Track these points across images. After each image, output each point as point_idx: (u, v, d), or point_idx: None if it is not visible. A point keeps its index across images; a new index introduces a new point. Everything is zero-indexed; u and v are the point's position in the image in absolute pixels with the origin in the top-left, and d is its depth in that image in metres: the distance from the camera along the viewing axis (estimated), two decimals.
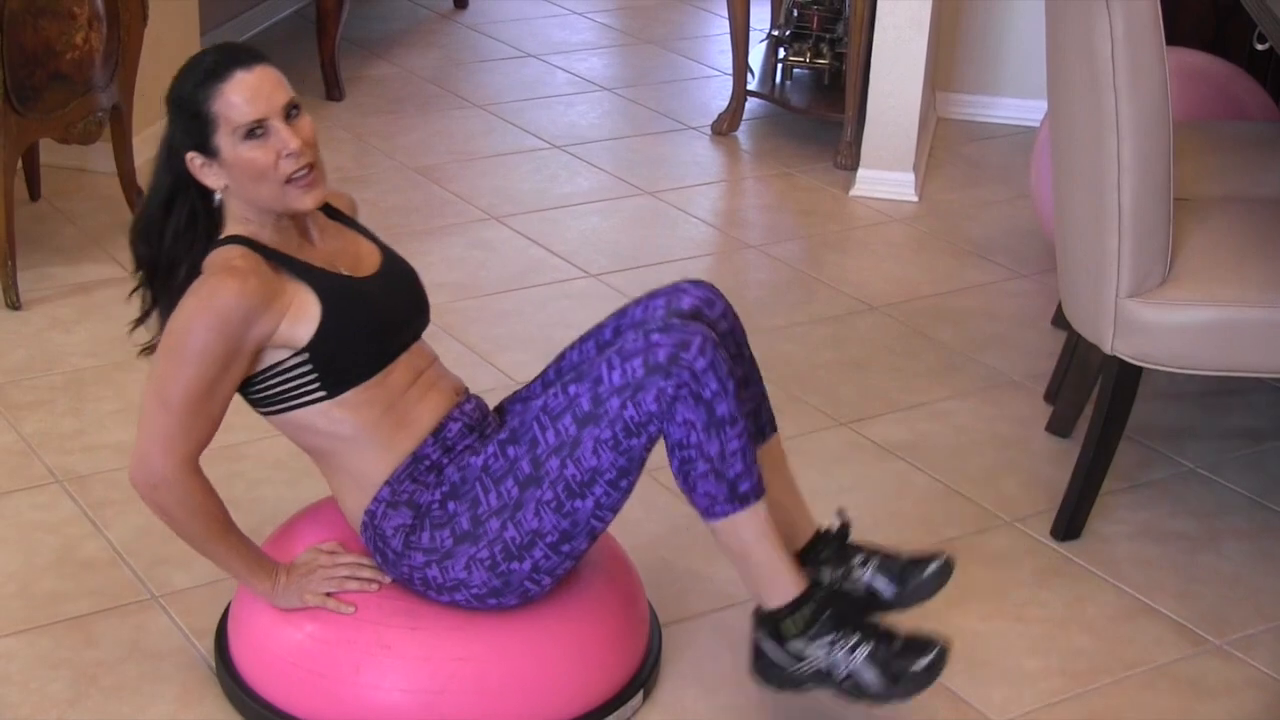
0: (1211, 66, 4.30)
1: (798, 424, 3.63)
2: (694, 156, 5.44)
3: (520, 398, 2.77)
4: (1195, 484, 3.53)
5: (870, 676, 2.52)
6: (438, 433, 2.60)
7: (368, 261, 2.65)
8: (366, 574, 2.61)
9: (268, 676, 2.65)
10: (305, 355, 2.47)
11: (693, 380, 2.42)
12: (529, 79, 6.15)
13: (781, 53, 5.77)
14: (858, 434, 3.67)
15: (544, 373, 2.78)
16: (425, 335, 2.72)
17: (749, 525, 2.52)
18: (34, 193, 4.72)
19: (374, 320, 2.56)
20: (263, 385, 2.51)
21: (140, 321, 2.62)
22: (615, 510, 2.54)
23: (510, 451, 2.52)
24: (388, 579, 2.61)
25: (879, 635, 2.54)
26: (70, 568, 3.07)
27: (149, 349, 2.59)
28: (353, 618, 2.57)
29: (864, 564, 2.71)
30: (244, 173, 2.45)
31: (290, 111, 2.47)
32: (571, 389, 2.48)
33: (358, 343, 2.52)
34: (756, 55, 5.88)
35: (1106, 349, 3.17)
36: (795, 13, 5.70)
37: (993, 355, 4.08)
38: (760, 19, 6.17)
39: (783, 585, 2.55)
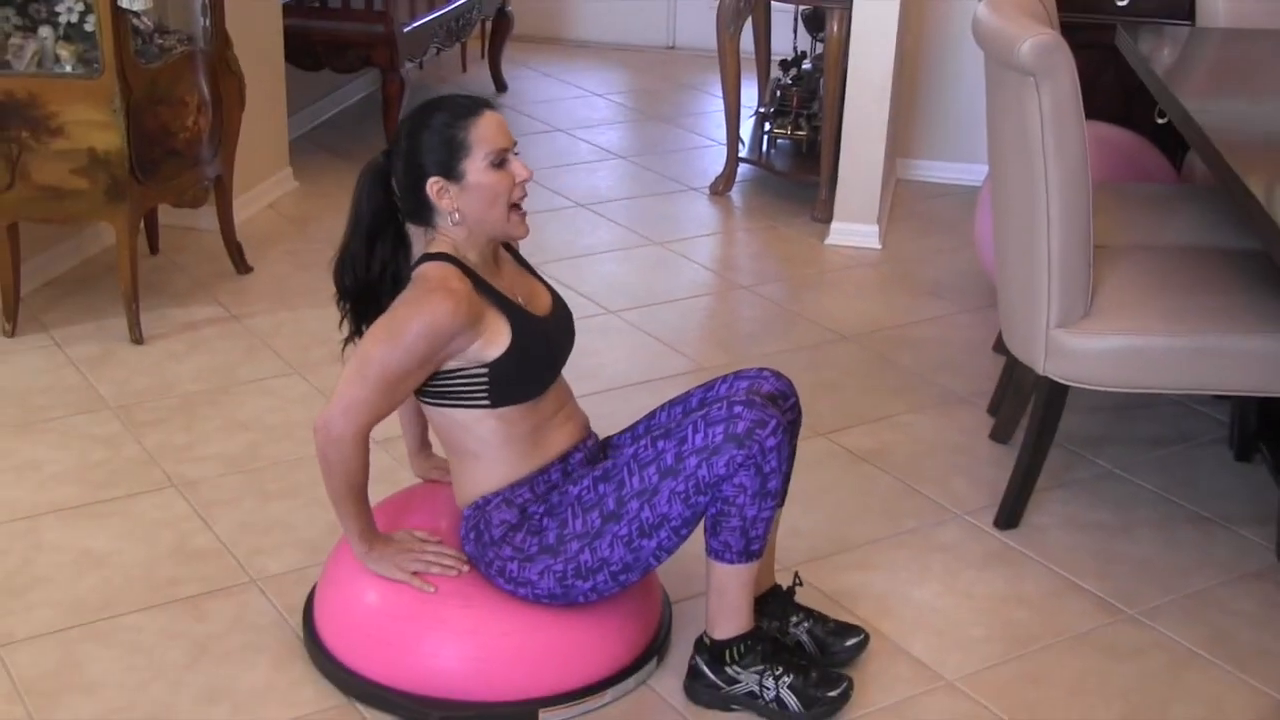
0: (1122, 137, 4.34)
1: None
2: (695, 213, 5.47)
3: (614, 444, 2.77)
4: (1112, 482, 3.55)
5: (790, 700, 2.61)
6: (564, 459, 2.62)
7: (541, 300, 2.66)
8: (448, 561, 2.62)
9: (345, 645, 2.68)
10: (486, 371, 2.48)
11: (760, 455, 2.45)
12: (558, 149, 6.19)
13: (767, 126, 5.83)
14: (833, 443, 3.68)
15: (634, 426, 2.79)
16: None
17: (743, 577, 2.58)
18: (154, 247, 4.75)
19: (548, 355, 2.59)
20: (442, 383, 2.51)
21: (349, 341, 2.63)
22: (670, 553, 2.58)
23: (601, 488, 2.53)
24: (465, 568, 2.62)
25: (800, 669, 2.63)
26: (184, 557, 3.10)
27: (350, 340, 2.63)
28: (414, 597, 2.59)
29: (799, 622, 2.79)
30: (484, 195, 2.46)
31: (517, 150, 2.52)
32: (660, 444, 2.50)
33: (531, 371, 2.54)
34: (747, 128, 5.93)
35: (1039, 371, 3.19)
36: (778, 93, 5.77)
37: (944, 376, 4.10)
38: (750, 98, 6.22)
39: (738, 622, 2.62)
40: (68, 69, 3.91)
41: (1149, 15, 4.83)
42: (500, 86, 7.06)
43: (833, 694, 2.60)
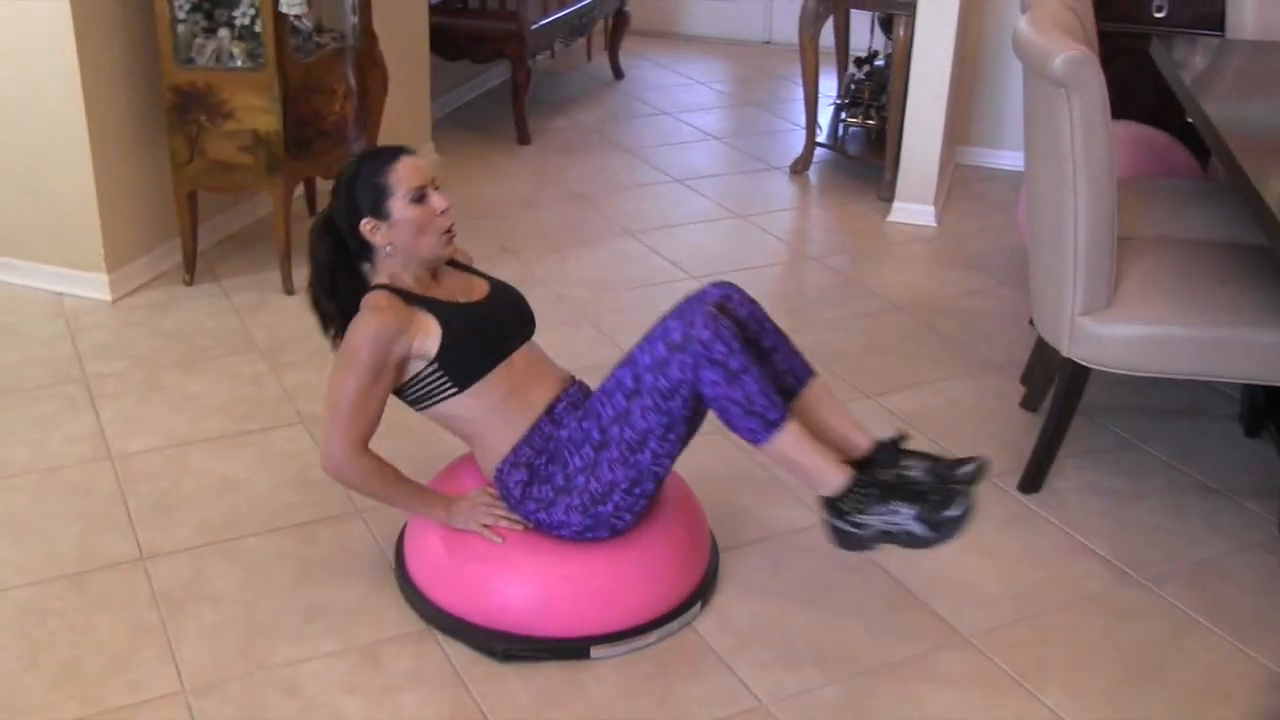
0: (1153, 136, 3.97)
1: (838, 396, 3.38)
2: (775, 189, 5.18)
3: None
4: (1128, 451, 3.23)
5: (918, 529, 2.31)
6: (549, 411, 2.44)
7: (478, 292, 2.53)
8: (516, 516, 2.45)
9: (426, 579, 2.51)
10: (436, 364, 2.36)
11: (704, 349, 2.24)
12: (662, 130, 5.91)
13: (843, 115, 5.52)
14: (879, 404, 3.42)
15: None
16: (559, 331, 2.55)
17: (787, 441, 2.30)
18: (312, 209, 4.59)
19: (481, 330, 2.42)
20: (412, 390, 2.41)
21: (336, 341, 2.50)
22: (671, 457, 2.37)
23: (585, 425, 2.37)
24: (531, 525, 2.44)
25: (918, 497, 2.32)
26: (303, 486, 2.94)
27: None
28: (486, 543, 2.42)
29: (913, 466, 2.46)
30: (409, 227, 2.38)
31: (435, 185, 2.42)
32: (619, 372, 2.34)
33: (471, 348, 2.39)
34: (825, 116, 5.63)
35: (1064, 353, 2.90)
36: (852, 86, 5.46)
37: (983, 345, 3.80)
38: (828, 89, 5.91)
39: (830, 477, 2.34)
40: (238, 63, 3.76)
41: (1182, 25, 4.46)
42: (618, 75, 6.79)
43: (955, 512, 2.30)
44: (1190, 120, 4.35)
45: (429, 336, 2.35)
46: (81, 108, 3.63)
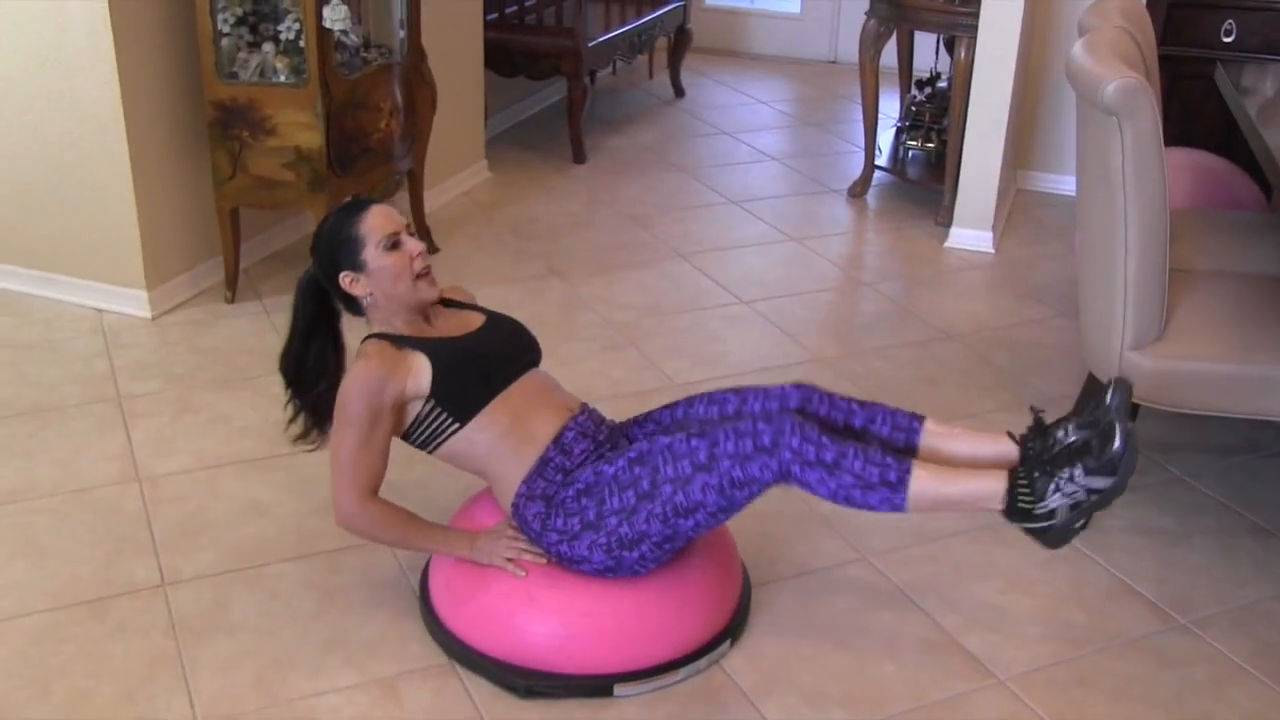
0: (1217, 165, 3.89)
1: None
2: (832, 213, 5.14)
3: (653, 419, 2.58)
4: (1179, 488, 3.17)
5: (1100, 482, 2.23)
6: (557, 440, 2.42)
7: (472, 325, 2.54)
8: (539, 550, 2.44)
9: (449, 611, 2.50)
10: (432, 401, 2.37)
11: (795, 455, 2.25)
12: (720, 150, 5.90)
13: (903, 137, 5.48)
14: None
15: (673, 407, 2.58)
16: (600, 356, 2.54)
17: (922, 489, 2.25)
18: None
19: (473, 361, 2.43)
20: (418, 433, 2.42)
21: (291, 421, 2.58)
22: (710, 529, 2.38)
23: (636, 470, 2.34)
24: (554, 558, 2.42)
25: (1078, 453, 2.25)
26: (330, 512, 2.80)
27: (300, 438, 2.58)
28: (510, 578, 2.41)
29: (1066, 433, 2.35)
30: (386, 274, 2.42)
31: (409, 231, 2.47)
32: (694, 442, 2.31)
33: (465, 379, 2.40)
34: (886, 138, 5.59)
35: None
36: (913, 109, 5.42)
37: (1035, 377, 3.74)
38: (890, 110, 5.86)
39: (989, 490, 2.27)
40: (282, 79, 3.80)
41: (1252, 50, 4.37)
42: (679, 93, 6.80)
43: (1118, 445, 2.21)
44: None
45: (420, 374, 2.37)
46: (122, 122, 3.69)
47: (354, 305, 2.49)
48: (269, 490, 3.03)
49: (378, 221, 2.44)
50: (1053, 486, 2.24)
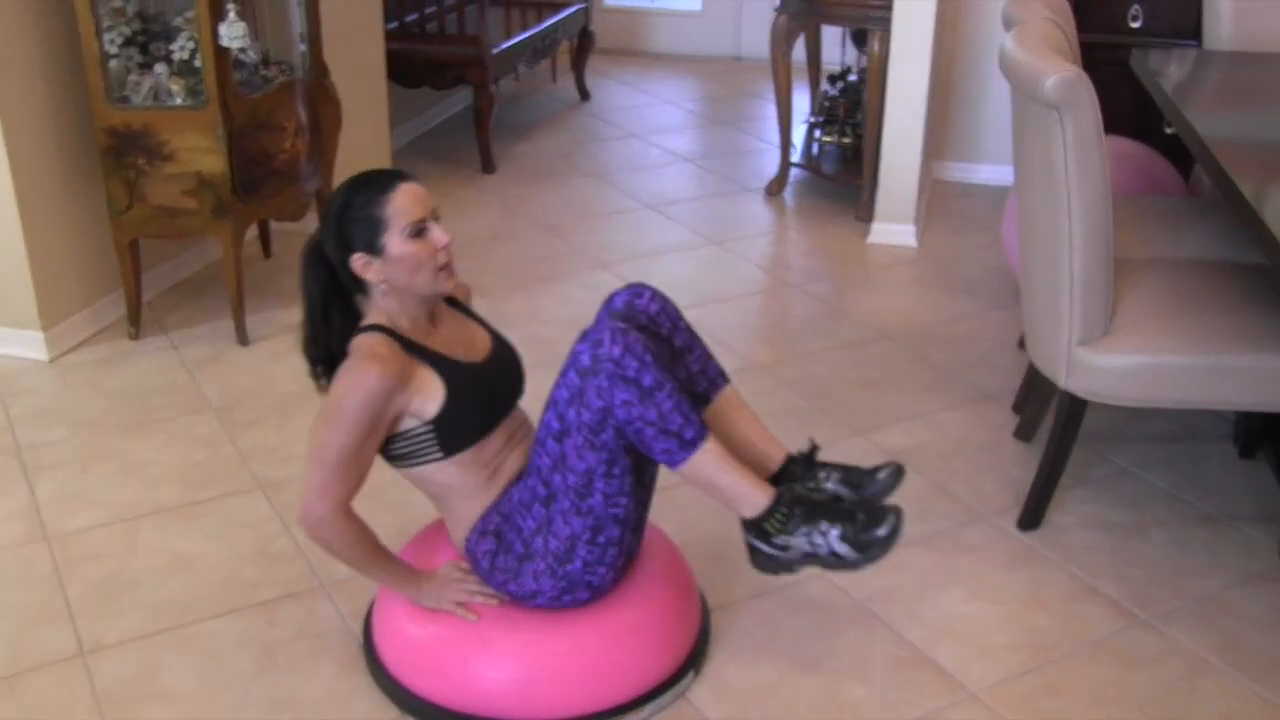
0: (1135, 150, 3.90)
1: (824, 433, 3.30)
2: (750, 213, 5.10)
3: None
4: (1127, 480, 3.16)
5: (844, 550, 2.22)
6: (520, 480, 2.31)
7: (480, 346, 2.35)
8: (490, 590, 2.33)
9: (397, 661, 2.38)
10: (431, 426, 2.20)
11: (615, 366, 2.11)
12: (631, 153, 5.84)
13: (816, 133, 5.46)
14: (870, 441, 3.33)
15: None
16: (532, 375, 2.45)
17: (705, 461, 2.19)
18: (267, 252, 4.50)
19: (486, 400, 2.28)
20: (397, 446, 2.24)
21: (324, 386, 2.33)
22: (625, 493, 2.22)
23: (529, 482, 2.25)
24: (506, 597, 2.32)
25: (845, 517, 2.23)
26: (263, 560, 2.82)
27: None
28: (460, 621, 2.30)
29: (828, 477, 2.39)
30: (408, 264, 2.18)
31: (436, 215, 2.23)
32: (545, 416, 2.20)
33: (472, 418, 2.24)
34: (798, 134, 5.56)
35: (1061, 385, 2.82)
36: (827, 104, 5.40)
37: (974, 373, 3.72)
38: (801, 106, 5.84)
39: (752, 498, 2.24)
40: (178, 101, 3.65)
41: (1158, 35, 4.42)
42: (584, 96, 6.72)
43: (882, 532, 2.22)
44: (1171, 132, 4.32)
45: (430, 398, 2.18)
46: (3, 154, 3.50)
47: (359, 286, 2.25)
48: (194, 541, 2.89)
49: (406, 203, 2.16)
50: (804, 530, 2.23)
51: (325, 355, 2.28)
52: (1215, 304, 2.80)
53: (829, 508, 2.26)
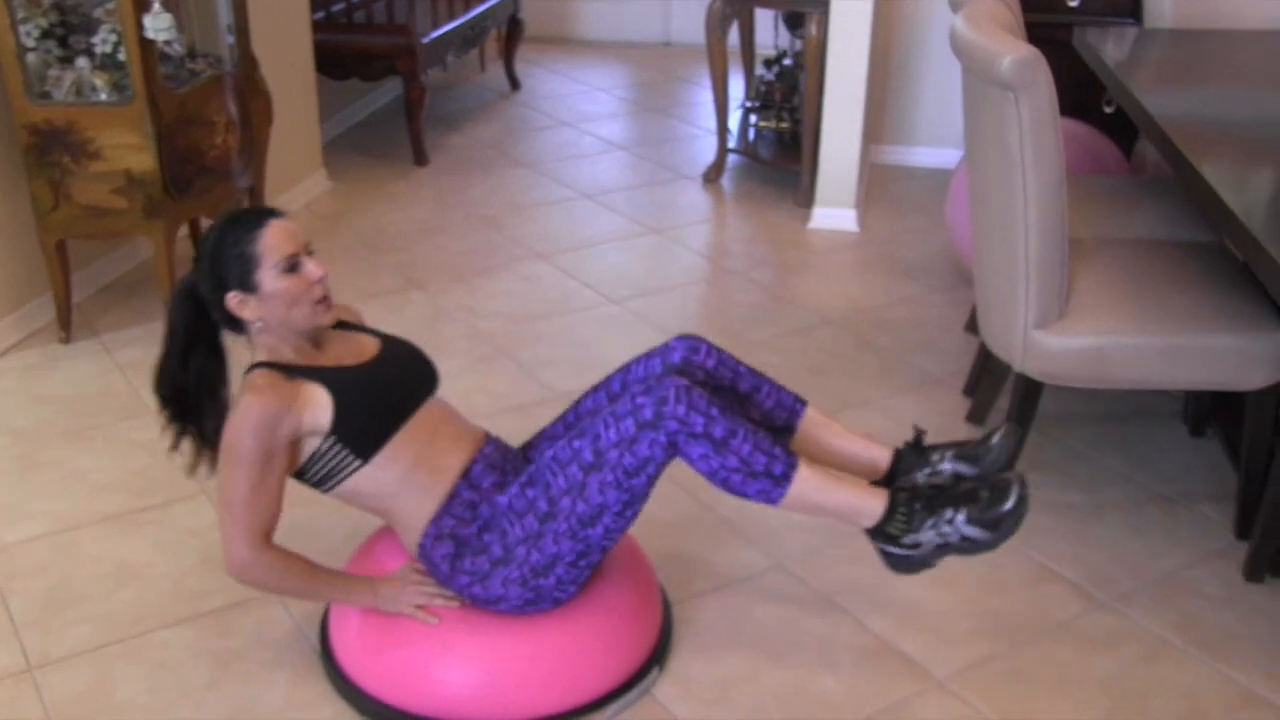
0: (1077, 130, 3.92)
1: None
2: (689, 200, 5.07)
3: (546, 435, 2.45)
4: (1080, 461, 3.17)
5: (975, 532, 2.18)
6: (466, 475, 2.28)
7: (368, 352, 2.34)
8: (449, 593, 2.29)
9: (356, 666, 2.33)
10: (333, 437, 2.18)
11: (681, 425, 2.11)
12: (564, 142, 5.79)
13: (753, 119, 5.44)
14: None
15: (564, 415, 2.45)
16: (476, 370, 2.40)
17: (803, 490, 2.17)
18: (198, 251, 4.39)
19: (375, 392, 2.25)
20: (313, 470, 2.22)
21: (174, 447, 2.33)
22: (623, 531, 2.24)
23: (529, 493, 2.20)
24: (467, 600, 2.28)
25: (967, 499, 2.19)
26: (211, 566, 2.74)
27: (190, 468, 2.36)
28: (421, 625, 2.25)
29: (942, 459, 2.35)
30: (283, 299, 2.18)
31: (309, 250, 2.24)
32: (576, 444, 2.17)
33: (368, 412, 2.21)
34: (735, 120, 5.54)
35: (1017, 368, 2.82)
36: (763, 88, 5.38)
37: (921, 357, 3.72)
38: (737, 92, 5.82)
39: (866, 508, 2.21)
40: (103, 96, 3.54)
41: (1096, 14, 4.45)
42: (514, 85, 6.66)
43: (1009, 505, 2.16)
44: (1110, 110, 4.35)
45: (318, 409, 2.16)
46: None
47: (237, 325, 2.25)
48: (139, 549, 2.81)
49: (277, 239, 2.18)
50: (930, 523, 2.20)
51: (175, 396, 2.28)
52: (1168, 284, 2.82)
53: (950, 493, 2.22)
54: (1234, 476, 3.03)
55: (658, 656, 2.43)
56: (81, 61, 3.56)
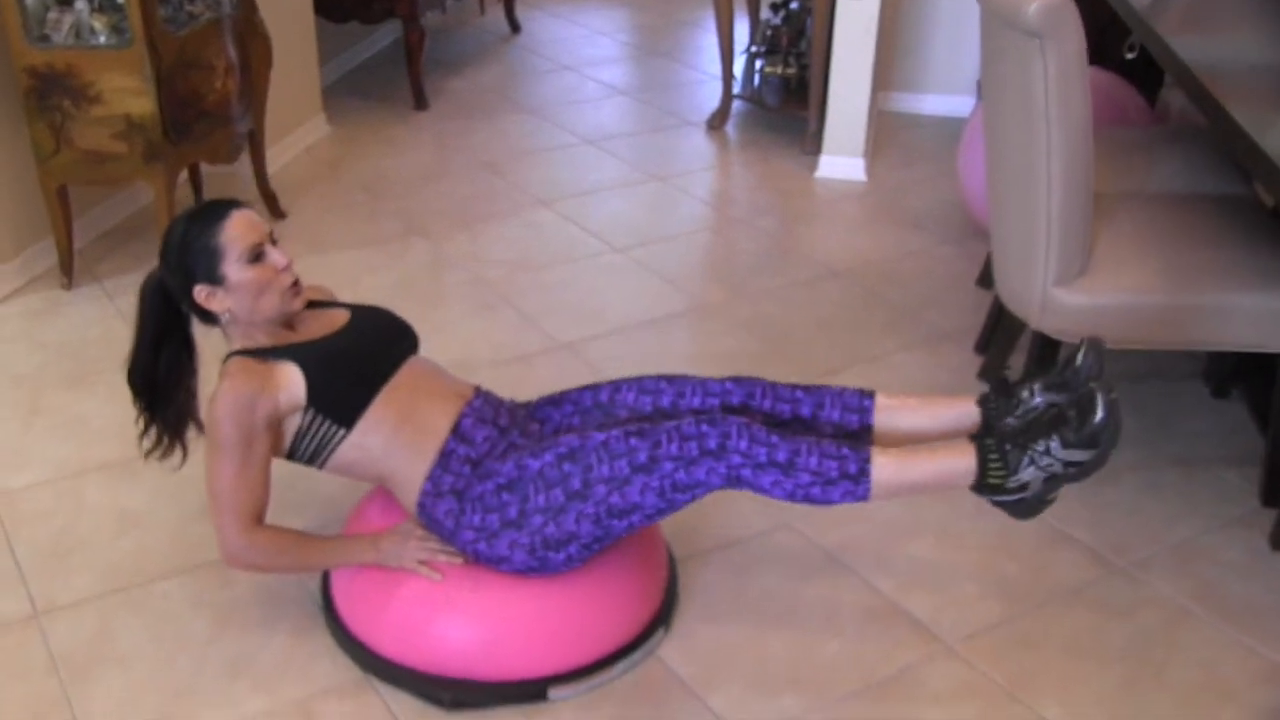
0: (1099, 77, 3.83)
1: (780, 376, 3.21)
2: (693, 147, 5.00)
3: (570, 401, 2.41)
4: None
5: (1079, 455, 2.10)
6: (455, 430, 2.25)
7: (338, 323, 2.34)
8: (453, 549, 2.26)
9: (358, 621, 2.30)
10: (312, 409, 2.18)
11: (745, 459, 2.11)
12: (566, 87, 5.70)
13: (759, 64, 5.35)
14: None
15: (595, 389, 2.41)
16: (480, 317, 2.35)
17: (886, 477, 2.13)
18: (199, 196, 4.33)
19: (346, 359, 2.24)
20: (302, 448, 2.23)
21: (144, 435, 2.34)
22: (644, 528, 2.26)
23: (566, 467, 2.17)
24: (470, 556, 2.25)
25: (1055, 424, 2.11)
26: None
27: (157, 454, 2.35)
28: (423, 580, 2.23)
29: (1032, 394, 2.27)
30: (248, 290, 2.20)
31: (273, 239, 2.24)
32: (633, 441, 2.14)
33: (341, 379, 2.21)
34: (740, 65, 5.45)
35: (1034, 325, 2.77)
36: (769, 33, 5.30)
37: (930, 312, 3.67)
38: (742, 37, 5.73)
39: (958, 468, 2.14)
40: (102, 40, 3.47)
41: None
42: (515, 28, 6.55)
43: (1099, 417, 2.07)
44: (1131, 54, 4.25)
45: (293, 384, 2.17)
46: None
47: (208, 318, 2.27)
48: (141, 497, 2.77)
49: (239, 230, 2.20)
50: (1026, 459, 2.12)
51: (148, 387, 2.29)
52: (1194, 240, 2.76)
53: (1037, 424, 2.14)
54: (1258, 441, 2.98)
55: (663, 616, 2.39)
56: (80, 4, 3.48)
